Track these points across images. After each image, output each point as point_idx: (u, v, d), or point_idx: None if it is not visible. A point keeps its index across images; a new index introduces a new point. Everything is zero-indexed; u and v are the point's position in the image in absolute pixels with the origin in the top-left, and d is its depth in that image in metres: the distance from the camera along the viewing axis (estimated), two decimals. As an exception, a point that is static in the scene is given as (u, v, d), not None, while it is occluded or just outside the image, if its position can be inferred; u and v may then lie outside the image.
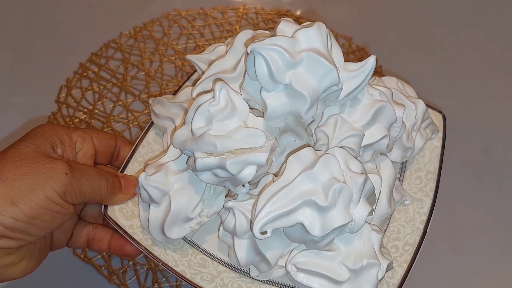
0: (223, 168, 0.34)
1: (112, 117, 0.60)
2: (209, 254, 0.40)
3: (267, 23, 0.68)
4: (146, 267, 0.50)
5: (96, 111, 0.60)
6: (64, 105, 0.60)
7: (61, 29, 0.68)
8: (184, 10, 0.69)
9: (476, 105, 0.62)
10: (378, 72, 0.63)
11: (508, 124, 0.61)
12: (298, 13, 0.70)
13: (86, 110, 0.60)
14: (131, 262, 0.50)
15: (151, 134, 0.44)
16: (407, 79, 0.60)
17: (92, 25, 0.68)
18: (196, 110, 0.35)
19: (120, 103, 0.61)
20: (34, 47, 0.66)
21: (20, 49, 0.66)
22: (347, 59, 0.61)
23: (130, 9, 0.70)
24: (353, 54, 0.66)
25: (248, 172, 0.34)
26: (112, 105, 0.61)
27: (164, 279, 0.49)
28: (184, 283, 0.46)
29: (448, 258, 0.51)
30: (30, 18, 0.69)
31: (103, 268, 0.50)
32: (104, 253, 0.50)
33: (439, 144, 0.45)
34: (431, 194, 0.42)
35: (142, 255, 0.48)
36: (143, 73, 0.63)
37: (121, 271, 0.50)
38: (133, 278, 0.49)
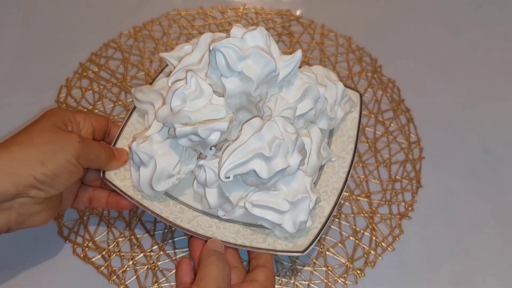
0: (196, 134, 0.43)
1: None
2: (186, 204, 0.50)
3: (266, 23, 0.67)
4: (146, 267, 0.50)
5: (96, 111, 0.60)
6: (64, 105, 0.60)
7: (61, 29, 0.66)
8: (184, 9, 0.68)
9: (476, 104, 0.61)
10: (378, 71, 0.64)
11: (507, 123, 0.60)
12: (298, 13, 0.69)
13: (86, 110, 0.60)
14: (131, 262, 0.51)
15: (134, 116, 0.53)
16: (406, 78, 0.63)
17: (92, 25, 0.67)
18: (174, 93, 0.45)
19: (120, 103, 0.61)
20: (34, 47, 0.65)
21: (20, 49, 0.65)
22: (346, 58, 0.65)
23: (130, 9, 0.69)
24: (353, 53, 0.65)
25: (214, 137, 0.44)
26: (112, 105, 0.61)
27: (164, 279, 0.50)
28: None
29: (447, 258, 0.52)
30: (30, 18, 0.67)
31: (102, 268, 0.50)
32: (104, 253, 0.51)
33: (357, 115, 0.56)
34: (351, 152, 0.53)
35: (142, 255, 0.52)
36: (143, 73, 0.63)
37: (121, 271, 0.50)
38: (133, 278, 0.50)
